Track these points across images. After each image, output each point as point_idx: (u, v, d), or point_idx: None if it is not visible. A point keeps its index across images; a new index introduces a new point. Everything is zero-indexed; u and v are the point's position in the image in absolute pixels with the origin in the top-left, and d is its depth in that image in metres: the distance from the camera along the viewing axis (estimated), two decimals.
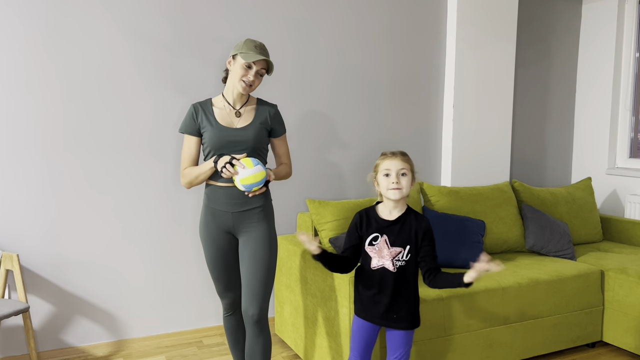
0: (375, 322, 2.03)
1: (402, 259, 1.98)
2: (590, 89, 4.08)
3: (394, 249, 1.98)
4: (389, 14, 3.41)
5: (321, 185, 3.33)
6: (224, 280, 2.28)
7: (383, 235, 1.99)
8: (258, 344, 2.17)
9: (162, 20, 2.88)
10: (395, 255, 1.97)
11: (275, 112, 2.27)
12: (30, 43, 2.65)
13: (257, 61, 2.13)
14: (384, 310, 2.00)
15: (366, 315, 2.03)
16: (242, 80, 2.14)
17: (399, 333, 2.02)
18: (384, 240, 1.99)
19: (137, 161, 2.91)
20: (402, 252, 1.98)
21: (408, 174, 1.97)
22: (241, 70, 2.13)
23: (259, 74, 2.17)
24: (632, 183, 3.79)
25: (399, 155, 1.98)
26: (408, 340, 2.04)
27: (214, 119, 2.17)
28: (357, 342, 2.07)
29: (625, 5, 3.88)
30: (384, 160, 1.99)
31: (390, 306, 1.99)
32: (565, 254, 3.12)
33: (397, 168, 1.95)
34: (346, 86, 3.34)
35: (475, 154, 3.62)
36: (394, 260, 1.97)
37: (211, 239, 2.22)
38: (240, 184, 2.04)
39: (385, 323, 2.02)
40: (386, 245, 1.98)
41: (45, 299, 2.79)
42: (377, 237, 2.00)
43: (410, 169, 1.98)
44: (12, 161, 2.67)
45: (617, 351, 2.97)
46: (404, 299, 2.00)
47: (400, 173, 1.95)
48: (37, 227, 2.74)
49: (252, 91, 2.19)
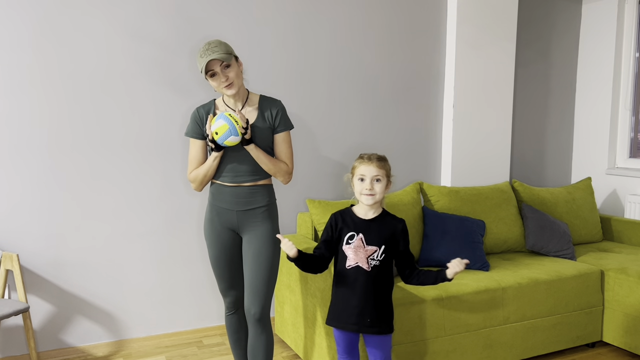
0: (350, 329, 2.00)
1: (377, 259, 1.98)
2: (590, 89, 4.08)
3: (369, 248, 1.98)
4: (389, 13, 3.41)
5: (321, 185, 3.33)
6: (227, 279, 2.28)
7: (359, 233, 2.00)
8: (260, 342, 2.17)
9: (162, 20, 2.88)
10: (370, 254, 1.98)
11: (278, 107, 2.20)
12: (32, 44, 2.65)
13: (213, 65, 2.04)
14: (357, 312, 1.97)
15: (340, 323, 2.01)
16: (222, 89, 2.08)
17: (376, 338, 2.01)
18: (360, 239, 1.99)
19: (138, 161, 2.91)
20: (377, 251, 1.98)
21: (383, 179, 1.98)
22: (213, 82, 2.08)
23: (225, 69, 2.05)
24: (632, 183, 3.79)
25: (375, 161, 1.98)
26: (385, 345, 2.02)
27: None
28: (340, 347, 2.07)
29: (625, 5, 3.88)
30: (360, 165, 2.00)
31: (363, 308, 1.97)
32: (565, 254, 3.12)
33: (372, 174, 1.96)
34: (346, 86, 3.34)
35: (475, 154, 3.62)
36: (368, 259, 1.98)
37: (215, 237, 2.22)
38: (223, 143, 2.03)
39: (358, 328, 1.99)
40: (362, 243, 1.99)
41: (45, 299, 2.79)
42: (354, 236, 2.00)
43: (385, 174, 1.99)
44: (12, 161, 2.67)
45: (617, 351, 2.97)
46: (378, 302, 1.99)
47: (374, 179, 1.97)
48: (37, 227, 2.74)
49: (237, 87, 2.09)
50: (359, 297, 1.97)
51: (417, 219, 3.00)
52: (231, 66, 2.07)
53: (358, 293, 1.98)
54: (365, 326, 1.98)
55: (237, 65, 2.12)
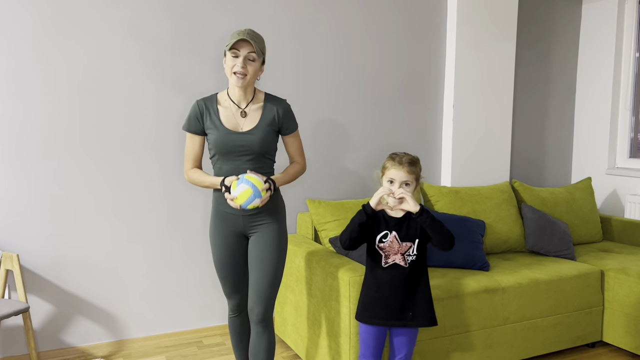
0: (389, 325, 2.03)
1: (413, 254, 2.01)
2: (590, 89, 4.08)
3: (404, 244, 2.01)
4: (389, 14, 3.42)
5: (321, 185, 3.33)
6: (232, 282, 2.25)
7: (392, 232, 2.02)
8: (262, 343, 2.17)
9: (162, 20, 2.88)
10: (405, 250, 2.00)
11: (284, 109, 2.17)
12: (32, 43, 2.65)
13: (242, 46, 2.00)
14: (398, 309, 2.00)
15: (377, 320, 2.03)
16: (233, 74, 2.03)
17: (407, 332, 2.04)
18: (394, 237, 2.01)
19: (137, 161, 2.91)
20: (412, 246, 2.01)
21: (412, 183, 2.00)
22: (230, 62, 2.04)
23: (249, 59, 2.03)
24: (632, 183, 3.79)
25: (406, 165, 1.99)
26: (413, 340, 2.06)
27: (218, 120, 2.10)
28: (369, 347, 2.07)
29: (625, 5, 3.88)
30: (391, 168, 2.00)
31: (405, 304, 2.01)
32: (565, 254, 3.12)
33: (402, 180, 1.98)
34: (346, 86, 3.34)
35: (475, 154, 3.62)
36: (405, 255, 2.00)
37: (222, 241, 2.19)
38: (247, 207, 2.01)
39: (399, 323, 2.01)
40: (397, 241, 2.01)
41: (45, 299, 2.79)
42: (387, 235, 2.02)
43: (415, 178, 2.01)
44: (12, 161, 2.67)
45: (617, 351, 2.97)
46: (419, 295, 2.03)
47: (403, 184, 1.99)
48: (37, 227, 2.74)
49: (248, 82, 2.06)
50: (399, 293, 2.01)
51: None
52: (255, 62, 2.06)
53: (398, 291, 2.01)
54: (408, 321, 2.01)
55: (260, 66, 2.10)
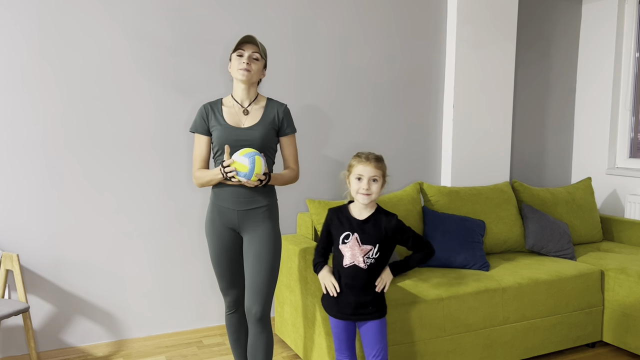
0: (350, 319, 2.07)
1: (372, 257, 2.04)
2: (590, 89, 4.08)
3: (364, 247, 2.04)
4: (389, 14, 3.42)
5: (321, 185, 3.33)
6: (228, 278, 2.30)
7: (354, 233, 2.05)
8: (260, 341, 2.19)
9: (162, 20, 2.88)
10: (365, 253, 2.03)
11: (284, 111, 2.27)
12: (30, 43, 2.65)
13: (247, 47, 2.17)
14: (354, 306, 2.05)
15: (340, 314, 2.08)
16: (238, 70, 2.16)
17: (374, 326, 2.06)
18: (355, 239, 2.05)
19: (137, 161, 2.91)
20: (372, 249, 2.04)
21: (379, 179, 2.04)
22: (235, 62, 2.18)
23: (253, 58, 2.18)
24: (632, 183, 3.79)
25: (373, 161, 2.03)
26: (383, 333, 2.08)
27: (222, 118, 2.20)
28: (342, 341, 2.11)
29: (625, 5, 3.88)
30: (358, 164, 2.04)
31: (361, 302, 2.05)
32: (565, 254, 3.12)
33: (370, 175, 2.02)
34: (346, 86, 3.34)
35: (475, 154, 3.62)
36: (364, 258, 2.03)
37: (216, 236, 2.24)
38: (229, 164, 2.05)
39: (359, 317, 2.06)
40: (357, 243, 2.04)
41: (45, 299, 2.79)
42: (349, 236, 2.06)
43: (382, 175, 2.05)
44: (12, 161, 2.67)
45: (617, 351, 2.97)
46: (375, 294, 2.06)
47: (371, 179, 2.02)
48: (37, 227, 2.74)
49: (252, 79, 2.19)
50: (357, 293, 2.05)
51: (417, 218, 3.00)
52: (259, 61, 2.20)
53: (356, 290, 2.05)
54: (367, 314, 2.05)
55: (262, 67, 2.24)
